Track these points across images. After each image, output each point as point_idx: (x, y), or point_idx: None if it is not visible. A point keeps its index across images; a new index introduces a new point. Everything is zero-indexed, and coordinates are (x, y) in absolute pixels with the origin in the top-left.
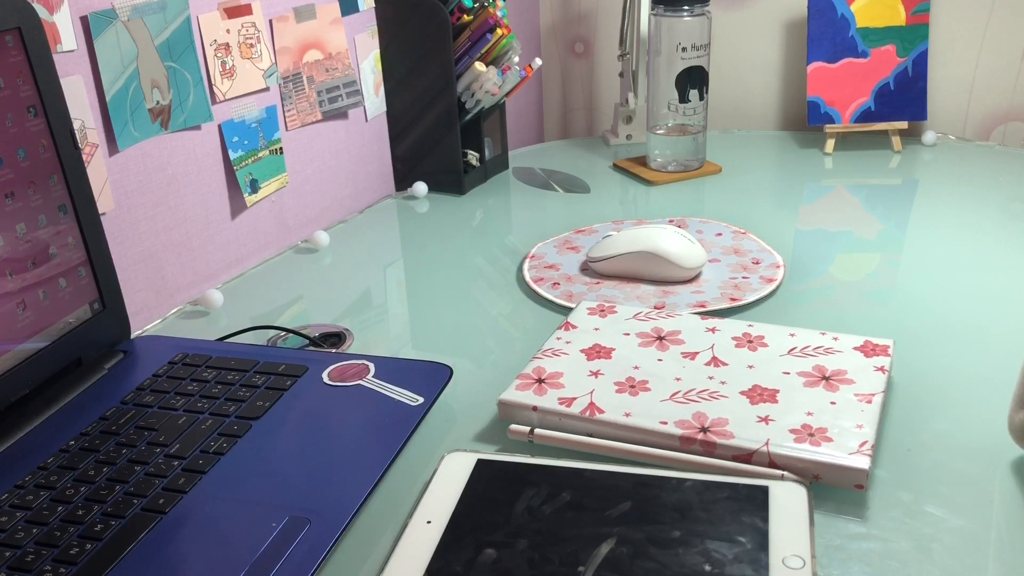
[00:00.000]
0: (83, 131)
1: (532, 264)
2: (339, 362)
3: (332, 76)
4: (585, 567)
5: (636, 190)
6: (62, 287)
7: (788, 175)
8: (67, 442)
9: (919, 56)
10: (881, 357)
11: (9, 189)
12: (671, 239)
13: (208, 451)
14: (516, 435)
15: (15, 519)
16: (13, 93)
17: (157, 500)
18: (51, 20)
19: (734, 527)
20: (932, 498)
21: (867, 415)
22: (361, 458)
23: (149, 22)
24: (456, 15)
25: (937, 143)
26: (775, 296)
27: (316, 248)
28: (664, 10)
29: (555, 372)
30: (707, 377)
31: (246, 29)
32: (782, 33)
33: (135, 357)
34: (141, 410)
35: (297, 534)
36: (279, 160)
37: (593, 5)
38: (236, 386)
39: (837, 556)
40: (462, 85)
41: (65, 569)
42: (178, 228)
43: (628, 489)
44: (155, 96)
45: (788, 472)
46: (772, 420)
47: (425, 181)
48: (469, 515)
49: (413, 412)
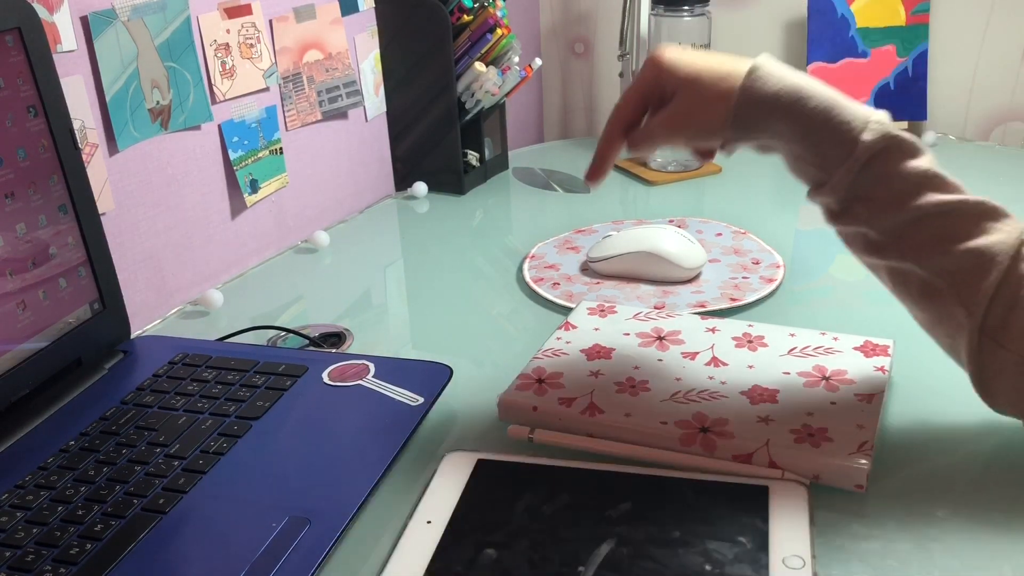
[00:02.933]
0: (83, 131)
1: (532, 264)
2: (339, 362)
3: (332, 76)
4: (585, 567)
5: (636, 190)
6: (62, 287)
7: (788, 175)
8: (67, 442)
9: (919, 56)
10: (881, 357)
11: (9, 189)
12: (671, 239)
13: (208, 451)
14: (516, 435)
15: (15, 519)
16: (13, 93)
17: (157, 500)
18: (51, 20)
19: (734, 527)
20: (932, 498)
21: (867, 415)
22: (361, 458)
23: (149, 22)
24: (456, 15)
25: (937, 143)
26: (775, 296)
27: (316, 248)
28: (664, 10)
29: (555, 372)
30: (707, 377)
31: (246, 29)
32: (782, 33)
33: (135, 357)
34: (141, 410)
35: (297, 534)
36: (279, 160)
37: (593, 5)
38: (236, 386)
39: (837, 556)
40: (462, 85)
41: (65, 569)
42: (178, 228)
43: (628, 489)
44: (155, 96)
45: (788, 472)
46: (772, 420)
47: (425, 181)
48: (469, 515)
49: (413, 412)
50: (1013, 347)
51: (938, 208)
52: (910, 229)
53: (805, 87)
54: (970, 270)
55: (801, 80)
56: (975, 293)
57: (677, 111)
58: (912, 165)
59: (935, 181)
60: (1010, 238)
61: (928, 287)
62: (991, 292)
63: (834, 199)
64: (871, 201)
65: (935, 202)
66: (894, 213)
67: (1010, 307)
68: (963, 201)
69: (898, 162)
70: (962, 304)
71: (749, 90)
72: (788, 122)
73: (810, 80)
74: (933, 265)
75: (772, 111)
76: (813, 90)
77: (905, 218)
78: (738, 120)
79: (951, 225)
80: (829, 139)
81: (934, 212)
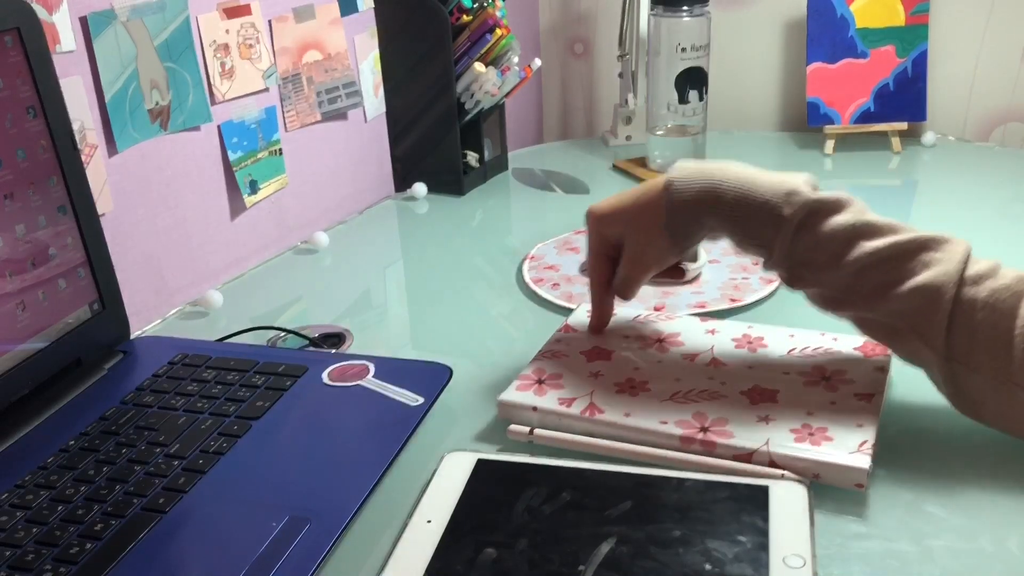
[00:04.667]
0: (82, 132)
1: (532, 265)
2: (339, 362)
3: (331, 77)
4: (585, 567)
5: None
6: (61, 288)
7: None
8: (67, 442)
9: (919, 56)
10: (881, 357)
11: (9, 190)
12: None
13: (208, 451)
14: (516, 435)
15: (15, 519)
16: (12, 94)
17: (157, 500)
18: (51, 20)
19: (734, 527)
20: (932, 498)
21: (867, 415)
22: (361, 458)
23: (148, 22)
24: (456, 15)
25: (937, 144)
26: (775, 297)
27: (316, 249)
28: (663, 10)
29: (555, 372)
30: (707, 377)
31: (245, 29)
32: (782, 33)
33: (135, 357)
34: (141, 410)
35: (297, 534)
36: (278, 161)
37: (593, 5)
38: (236, 386)
39: (837, 556)
40: (461, 86)
41: (65, 568)
42: (177, 229)
43: (628, 489)
44: (154, 97)
45: (788, 472)
46: (772, 420)
47: (425, 182)
48: (469, 515)
49: (413, 412)
50: (984, 369)
51: (872, 257)
52: (854, 282)
53: (718, 183)
54: (919, 309)
55: (714, 174)
56: (931, 328)
57: (631, 255)
58: (838, 222)
59: (864, 231)
60: (951, 267)
61: (889, 329)
62: (945, 323)
63: (781, 269)
64: (812, 264)
65: (869, 251)
66: (835, 271)
67: (970, 333)
68: (895, 243)
69: (823, 224)
70: (923, 341)
71: (671, 204)
72: (714, 218)
73: (723, 169)
74: (885, 310)
75: (698, 214)
76: (727, 183)
77: (846, 273)
78: (675, 232)
79: (890, 270)
80: (755, 222)
81: (870, 263)
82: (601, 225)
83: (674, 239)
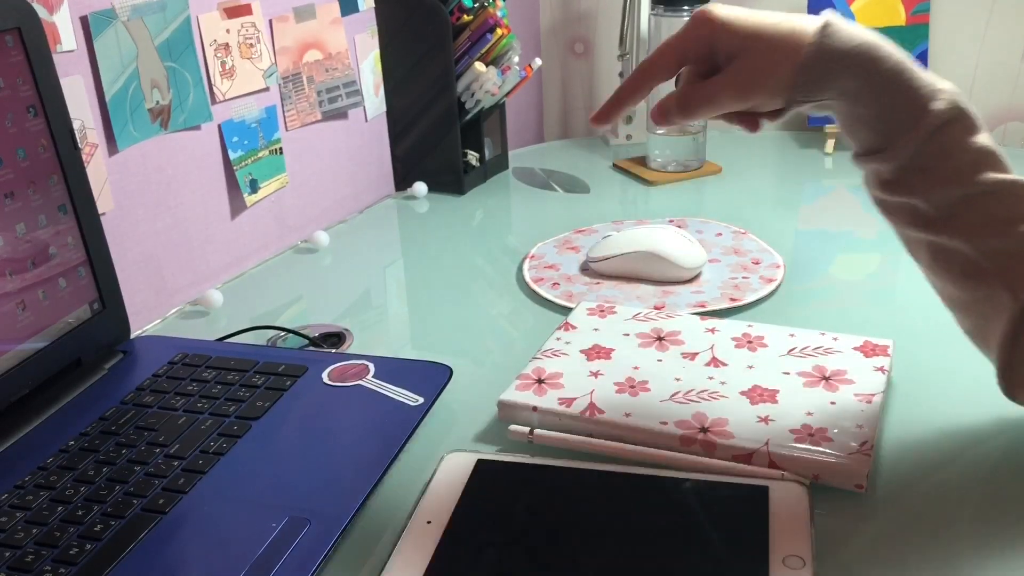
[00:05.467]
0: (83, 131)
1: (532, 264)
2: (339, 362)
3: (332, 76)
4: (585, 566)
5: (636, 190)
6: (62, 287)
7: (788, 175)
8: (67, 442)
9: (919, 56)
10: (881, 357)
11: (9, 189)
12: (671, 239)
13: (208, 451)
14: (516, 435)
15: (15, 519)
16: (13, 93)
17: (157, 500)
18: (51, 20)
19: (734, 527)
20: (932, 498)
21: (867, 415)
22: (361, 458)
23: (149, 22)
24: (456, 15)
25: None
26: (775, 296)
27: (316, 248)
28: (664, 10)
29: (555, 372)
30: (707, 377)
31: (246, 29)
32: None
33: (135, 357)
34: (141, 410)
35: (297, 534)
36: (279, 160)
37: (593, 5)
38: (236, 386)
39: (837, 556)
40: (462, 85)
41: (65, 569)
42: (178, 228)
43: (628, 489)
44: (155, 96)
45: (788, 472)
46: (772, 420)
47: (425, 181)
48: (469, 515)
49: (413, 412)
50: None
51: (995, 187)
52: (965, 205)
53: (879, 46)
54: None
55: (874, 38)
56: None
57: (742, 72)
58: (975, 140)
59: (992, 159)
60: None
61: (973, 267)
62: None
63: (890, 167)
64: (930, 172)
65: (993, 180)
66: (951, 187)
67: None
68: (1019, 182)
69: (963, 135)
70: (1008, 288)
71: (822, 46)
72: (859, 81)
73: (883, 40)
74: (984, 245)
75: (844, 69)
76: (886, 50)
77: (961, 194)
78: (807, 78)
79: (1007, 205)
80: (898, 103)
81: (991, 190)
82: (715, 28)
83: (797, 84)
